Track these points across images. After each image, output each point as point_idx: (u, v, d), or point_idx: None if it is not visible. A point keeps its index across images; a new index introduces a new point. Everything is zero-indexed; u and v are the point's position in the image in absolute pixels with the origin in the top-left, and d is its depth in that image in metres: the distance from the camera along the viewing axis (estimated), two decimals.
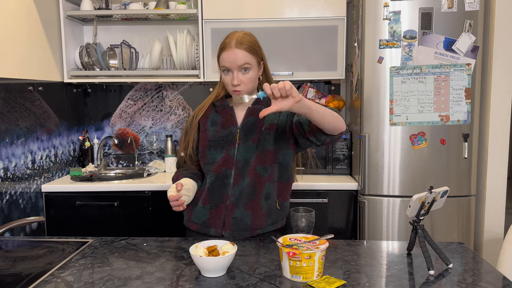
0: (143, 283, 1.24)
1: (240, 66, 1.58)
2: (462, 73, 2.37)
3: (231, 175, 1.64)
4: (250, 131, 1.65)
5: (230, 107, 1.71)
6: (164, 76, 2.85)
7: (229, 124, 1.68)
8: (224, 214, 1.64)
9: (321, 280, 1.23)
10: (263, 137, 1.65)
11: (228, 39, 1.61)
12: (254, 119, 1.67)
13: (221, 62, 1.61)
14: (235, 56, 1.57)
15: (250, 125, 1.66)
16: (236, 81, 1.58)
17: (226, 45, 1.60)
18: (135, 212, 2.61)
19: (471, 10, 2.35)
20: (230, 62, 1.58)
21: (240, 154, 1.64)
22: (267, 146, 1.64)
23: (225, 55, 1.59)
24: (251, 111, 1.68)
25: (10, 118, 2.32)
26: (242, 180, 1.63)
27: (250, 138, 1.65)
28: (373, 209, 2.46)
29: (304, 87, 2.95)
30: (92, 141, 3.13)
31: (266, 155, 1.64)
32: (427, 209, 1.39)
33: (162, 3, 2.82)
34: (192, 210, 1.70)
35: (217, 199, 1.65)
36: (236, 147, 1.65)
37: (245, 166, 1.63)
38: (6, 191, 2.28)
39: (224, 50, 1.60)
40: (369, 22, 2.40)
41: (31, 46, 2.43)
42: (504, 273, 1.60)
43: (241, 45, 1.58)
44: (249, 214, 1.62)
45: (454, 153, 2.42)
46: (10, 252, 1.57)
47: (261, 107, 1.66)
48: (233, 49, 1.58)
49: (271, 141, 1.64)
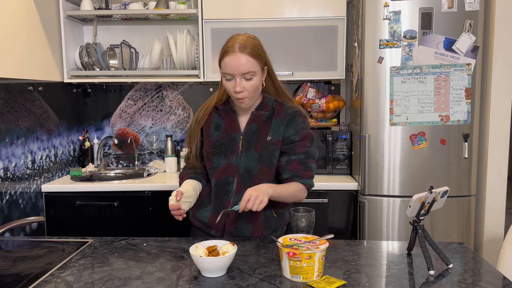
0: (143, 283, 1.24)
1: (244, 74, 1.52)
2: (462, 73, 2.37)
3: (233, 182, 1.63)
4: (253, 139, 1.62)
5: (233, 112, 1.67)
6: (164, 76, 2.85)
7: (232, 130, 1.64)
8: (224, 220, 1.63)
9: (321, 280, 1.23)
10: (267, 147, 1.61)
11: (231, 42, 1.54)
12: (257, 126, 1.63)
13: (224, 67, 1.54)
14: (239, 62, 1.50)
15: (253, 132, 1.63)
16: (239, 88, 1.52)
17: (229, 49, 1.52)
18: (135, 212, 2.61)
19: (471, 10, 2.35)
20: (233, 68, 1.51)
21: (242, 163, 1.62)
22: (274, 161, 1.62)
23: (228, 60, 1.51)
24: (254, 117, 1.64)
25: (10, 118, 2.32)
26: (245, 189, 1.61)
27: (253, 146, 1.62)
28: (373, 209, 2.46)
29: (304, 87, 2.95)
30: (92, 141, 3.13)
31: (273, 170, 1.63)
32: (427, 209, 1.39)
33: (162, 3, 2.81)
34: (197, 207, 1.69)
35: (218, 204, 1.64)
36: (238, 155, 1.62)
37: (248, 176, 1.62)
38: (6, 191, 2.28)
39: (227, 55, 1.52)
40: (369, 22, 2.39)
41: (31, 46, 2.42)
42: (504, 273, 1.60)
43: (244, 49, 1.51)
44: (249, 227, 1.63)
45: (454, 153, 2.42)
46: (10, 252, 1.57)
47: (265, 113, 1.64)
48: (237, 53, 1.50)
49: (277, 155, 1.62)
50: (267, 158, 1.61)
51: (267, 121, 1.64)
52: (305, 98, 2.90)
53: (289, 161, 1.61)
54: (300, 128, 1.62)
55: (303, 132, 1.62)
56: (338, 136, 2.75)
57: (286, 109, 1.64)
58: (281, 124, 1.62)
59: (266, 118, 1.64)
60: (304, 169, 1.60)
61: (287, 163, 1.61)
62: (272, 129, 1.62)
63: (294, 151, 1.61)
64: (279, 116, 1.63)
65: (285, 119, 1.62)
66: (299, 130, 1.62)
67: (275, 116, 1.63)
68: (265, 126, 1.63)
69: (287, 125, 1.62)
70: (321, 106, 2.83)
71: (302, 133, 1.62)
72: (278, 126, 1.62)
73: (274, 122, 1.62)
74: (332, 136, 2.75)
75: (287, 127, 1.62)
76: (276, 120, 1.63)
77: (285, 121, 1.62)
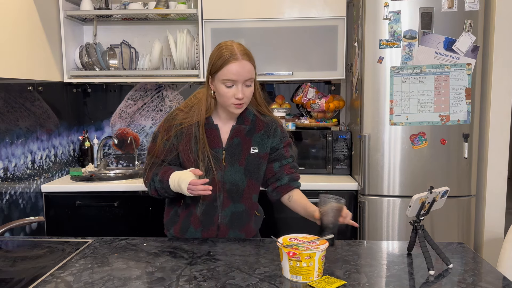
0: (143, 283, 1.24)
1: (246, 80, 1.52)
2: (462, 73, 2.37)
3: (220, 197, 1.63)
4: (236, 153, 1.62)
5: (215, 126, 1.63)
6: (164, 76, 2.85)
7: (214, 144, 1.61)
8: (216, 233, 1.66)
9: (321, 280, 1.23)
10: (253, 161, 1.63)
11: (228, 50, 1.51)
12: (239, 140, 1.63)
13: (226, 74, 1.50)
14: (244, 68, 1.50)
15: (236, 146, 1.62)
16: (241, 95, 1.51)
17: (231, 55, 1.50)
18: (135, 212, 2.61)
19: (471, 10, 2.34)
20: (238, 75, 1.50)
21: (228, 178, 1.62)
22: (261, 173, 1.68)
23: (234, 67, 1.49)
24: (235, 131, 1.63)
25: (10, 118, 2.32)
26: (233, 203, 1.64)
27: (237, 160, 1.62)
28: (373, 209, 2.46)
29: (304, 87, 2.95)
30: (92, 141, 3.13)
31: (260, 182, 1.70)
32: (427, 209, 1.39)
33: (162, 3, 2.81)
34: (182, 233, 1.68)
35: (207, 222, 1.64)
36: (223, 170, 1.61)
37: (237, 190, 1.63)
38: (6, 191, 2.27)
39: (231, 62, 1.49)
40: (369, 22, 2.39)
41: (31, 46, 2.42)
42: (504, 273, 1.60)
43: (246, 56, 1.53)
44: (243, 235, 1.69)
45: (454, 153, 2.42)
46: (10, 252, 1.57)
47: (246, 127, 1.63)
48: (241, 60, 1.50)
49: (263, 168, 1.67)
50: (254, 171, 1.65)
51: (248, 135, 1.64)
52: (305, 98, 2.90)
53: (282, 166, 1.68)
54: (282, 137, 1.70)
55: (285, 140, 1.71)
56: (338, 136, 2.75)
57: (268, 122, 1.68)
58: (267, 137, 1.66)
59: (247, 132, 1.64)
60: (296, 171, 1.71)
61: (280, 168, 1.67)
62: (257, 143, 1.64)
63: (283, 156, 1.68)
64: (263, 130, 1.66)
65: (270, 132, 1.67)
66: (282, 138, 1.70)
67: (258, 130, 1.65)
68: (246, 139, 1.64)
69: (272, 137, 1.68)
70: (321, 106, 2.82)
71: (284, 141, 1.70)
72: (264, 139, 1.65)
73: (259, 136, 1.65)
74: (332, 136, 2.75)
75: (273, 138, 1.68)
76: (260, 134, 1.65)
77: (271, 134, 1.67)
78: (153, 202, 2.60)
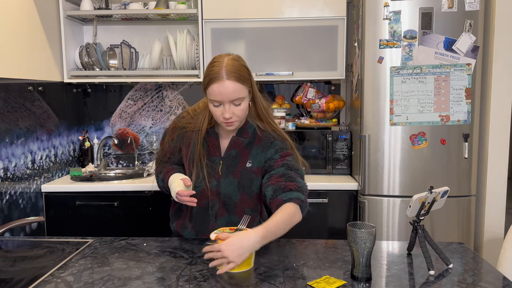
0: (143, 283, 1.24)
1: (233, 100, 1.46)
2: (462, 73, 2.37)
3: (214, 206, 1.61)
4: (232, 164, 1.60)
5: (215, 134, 1.61)
6: (164, 76, 2.85)
7: (213, 152, 1.61)
8: None
9: (321, 280, 1.23)
10: (246, 175, 1.59)
11: (216, 67, 1.45)
12: (237, 152, 1.60)
13: (211, 95, 1.46)
14: (227, 90, 1.43)
15: (233, 157, 1.60)
16: (228, 115, 1.46)
17: (215, 75, 1.44)
18: (135, 212, 2.61)
19: (471, 10, 2.35)
20: (222, 96, 1.44)
21: (222, 188, 1.60)
22: (254, 189, 1.60)
23: (216, 88, 1.43)
24: (234, 143, 1.60)
25: (10, 118, 2.32)
26: (228, 214, 1.61)
27: (232, 172, 1.59)
28: (373, 209, 2.46)
29: (304, 87, 2.95)
30: (92, 141, 3.13)
31: (253, 198, 1.62)
32: (427, 209, 1.39)
33: (162, 3, 2.81)
34: (182, 230, 1.69)
35: (202, 227, 1.64)
36: (218, 180, 1.60)
37: (230, 202, 1.61)
38: (6, 191, 2.27)
39: (214, 82, 1.44)
40: (369, 22, 2.39)
41: (31, 46, 2.42)
42: (504, 273, 1.60)
43: (231, 75, 1.43)
44: None
45: (454, 153, 2.42)
46: (10, 252, 1.57)
47: (245, 140, 1.60)
48: (224, 80, 1.43)
49: (258, 184, 1.60)
50: (247, 186, 1.60)
51: (247, 148, 1.60)
52: (305, 98, 2.90)
53: (270, 177, 1.53)
54: (279, 148, 1.58)
55: (283, 151, 1.57)
56: (338, 136, 2.75)
57: (265, 136, 1.60)
58: (261, 151, 1.59)
59: (246, 145, 1.60)
60: (286, 180, 1.49)
61: (268, 179, 1.53)
62: (252, 157, 1.60)
63: (272, 166, 1.55)
64: (260, 144, 1.60)
65: (265, 146, 1.59)
66: (279, 149, 1.58)
67: (256, 144, 1.60)
68: (245, 152, 1.60)
69: (267, 150, 1.59)
70: (321, 106, 2.83)
71: (282, 152, 1.57)
72: (258, 153, 1.59)
73: (255, 150, 1.60)
74: (332, 136, 2.75)
75: (268, 151, 1.58)
76: (256, 148, 1.60)
77: (266, 148, 1.59)
78: (153, 202, 2.61)
